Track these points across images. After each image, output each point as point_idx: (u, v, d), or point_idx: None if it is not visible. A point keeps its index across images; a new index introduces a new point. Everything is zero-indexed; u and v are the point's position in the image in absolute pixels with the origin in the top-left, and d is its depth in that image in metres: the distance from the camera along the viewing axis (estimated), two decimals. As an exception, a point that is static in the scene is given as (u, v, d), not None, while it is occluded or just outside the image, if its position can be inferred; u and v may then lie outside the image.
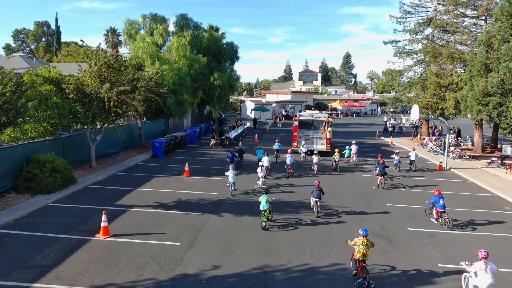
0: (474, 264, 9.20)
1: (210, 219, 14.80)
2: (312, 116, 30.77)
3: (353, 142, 27.91)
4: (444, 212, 14.50)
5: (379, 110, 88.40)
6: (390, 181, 21.47)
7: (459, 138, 38.34)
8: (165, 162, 25.56)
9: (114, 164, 23.87)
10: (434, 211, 14.97)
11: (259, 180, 19.71)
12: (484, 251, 9.07)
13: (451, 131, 39.63)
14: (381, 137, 43.75)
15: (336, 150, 24.60)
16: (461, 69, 32.77)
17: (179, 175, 21.84)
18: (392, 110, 48.49)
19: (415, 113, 25.41)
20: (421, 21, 40.55)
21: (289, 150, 23.33)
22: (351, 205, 17.16)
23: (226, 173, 18.18)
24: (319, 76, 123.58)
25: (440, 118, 26.06)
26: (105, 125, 22.17)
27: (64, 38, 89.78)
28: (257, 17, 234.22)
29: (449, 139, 25.78)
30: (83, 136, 22.22)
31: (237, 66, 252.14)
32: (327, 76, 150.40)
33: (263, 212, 13.88)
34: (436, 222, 14.88)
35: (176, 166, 24.30)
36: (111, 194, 17.58)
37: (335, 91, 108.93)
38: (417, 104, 33.13)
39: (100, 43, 23.45)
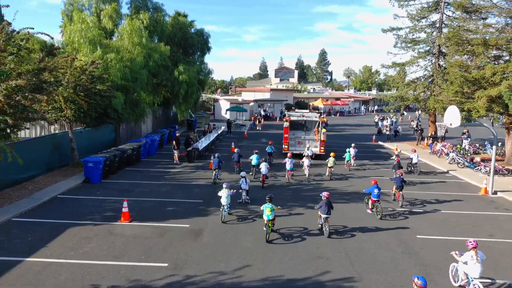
0: (464, 254, 9.22)
1: None
2: (303, 116, 28.24)
3: (352, 144, 25.75)
4: (378, 201, 14.82)
5: (362, 108, 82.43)
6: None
7: (477, 145, 32.02)
8: (101, 192, 17.42)
9: (18, 198, 15.54)
10: (370, 200, 15.12)
11: (242, 193, 16.34)
12: (474, 241, 9.16)
13: (465, 136, 33.38)
14: (379, 142, 37.03)
15: (332, 154, 21.94)
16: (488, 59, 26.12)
17: (113, 220, 13.78)
18: (394, 110, 41.76)
19: (452, 117, 18.28)
20: (425, 5, 34.25)
21: (288, 154, 21.18)
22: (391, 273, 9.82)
23: (219, 193, 14.44)
24: (296, 73, 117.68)
25: (486, 125, 19.18)
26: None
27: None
28: (231, 14, 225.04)
29: (494, 151, 19.00)
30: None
31: (208, 59, 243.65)
32: (303, 73, 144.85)
33: (266, 222, 12.35)
34: (370, 212, 15.28)
35: (114, 199, 16.22)
36: (-33, 279, 9.50)
37: (313, 88, 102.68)
38: (437, 104, 26.68)
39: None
